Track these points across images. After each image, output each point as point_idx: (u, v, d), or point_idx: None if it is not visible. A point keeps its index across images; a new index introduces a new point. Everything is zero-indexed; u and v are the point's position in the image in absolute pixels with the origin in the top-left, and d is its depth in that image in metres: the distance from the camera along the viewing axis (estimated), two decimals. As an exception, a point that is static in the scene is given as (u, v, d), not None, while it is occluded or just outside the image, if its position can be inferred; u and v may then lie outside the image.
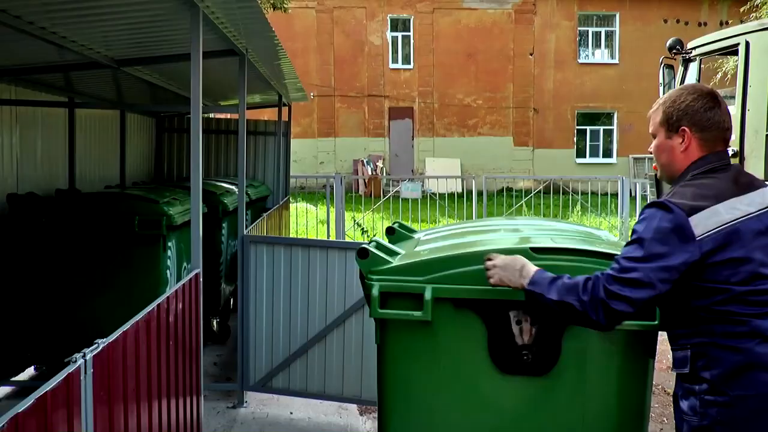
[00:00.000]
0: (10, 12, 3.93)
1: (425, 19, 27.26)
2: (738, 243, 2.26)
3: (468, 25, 27.31)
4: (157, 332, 3.22)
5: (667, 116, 2.50)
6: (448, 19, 27.26)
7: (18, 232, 5.74)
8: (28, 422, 1.92)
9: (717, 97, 2.46)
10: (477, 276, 2.82)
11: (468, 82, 27.44)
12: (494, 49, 27.38)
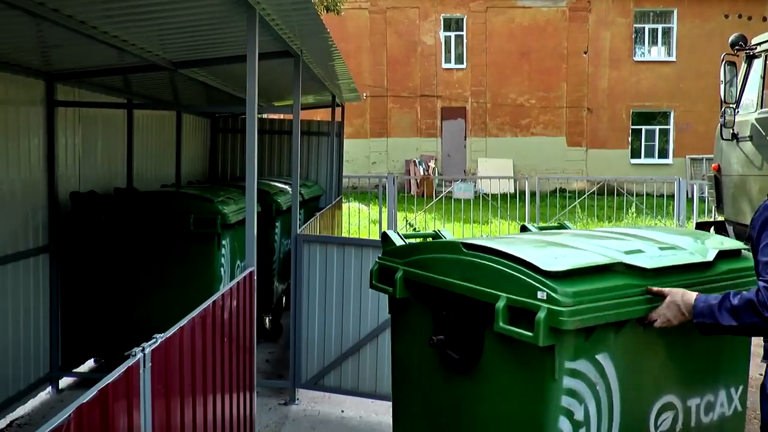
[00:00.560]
0: (76, 17, 4.06)
1: (478, 19, 27.12)
2: None
3: (521, 24, 27.06)
4: (212, 329, 3.29)
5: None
6: (501, 18, 27.06)
7: (79, 229, 5.93)
8: (91, 412, 1.99)
9: None
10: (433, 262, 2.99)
11: (521, 81, 27.19)
12: (548, 48, 27.08)
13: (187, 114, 9.72)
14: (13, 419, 5.56)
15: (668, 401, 2.94)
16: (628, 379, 2.79)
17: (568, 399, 2.65)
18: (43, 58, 5.38)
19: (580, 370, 2.66)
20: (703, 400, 3.02)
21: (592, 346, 2.66)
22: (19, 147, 5.50)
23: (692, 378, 2.99)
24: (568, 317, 2.49)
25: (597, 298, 2.59)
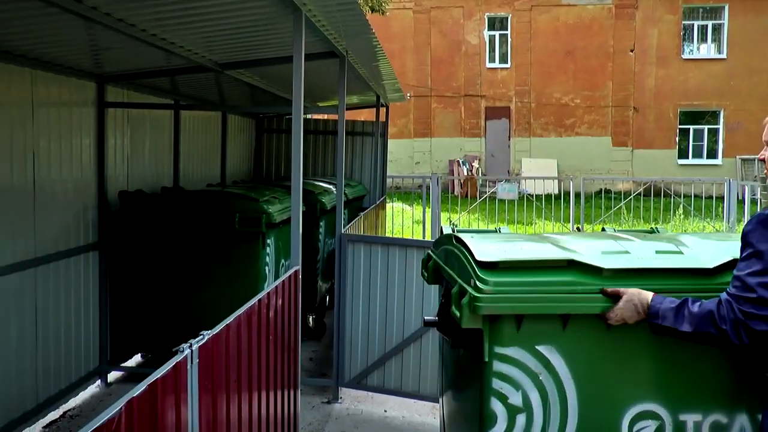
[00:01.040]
0: (127, 20, 4.15)
1: (523, 17, 26.90)
2: None
3: (566, 22, 26.74)
4: (257, 326, 3.32)
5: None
6: (546, 17, 26.80)
7: (128, 227, 6.05)
8: (141, 406, 2.04)
9: None
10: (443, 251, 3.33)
11: (566, 80, 26.88)
12: (593, 46, 26.70)
13: (232, 114, 9.84)
14: (66, 410, 5.71)
15: (648, 409, 2.91)
16: (589, 378, 2.86)
17: (500, 382, 2.83)
18: (95, 61, 5.50)
19: (514, 356, 2.83)
20: (707, 418, 2.92)
21: (528, 336, 2.82)
22: (72, 147, 5.63)
23: (687, 390, 2.91)
24: (483, 303, 2.71)
25: (524, 289, 2.75)
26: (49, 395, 5.47)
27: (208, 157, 9.03)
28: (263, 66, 6.11)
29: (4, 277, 4.86)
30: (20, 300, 5.06)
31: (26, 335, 5.15)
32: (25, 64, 4.96)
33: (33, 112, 5.12)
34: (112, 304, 6.22)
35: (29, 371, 5.22)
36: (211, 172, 9.17)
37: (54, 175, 5.40)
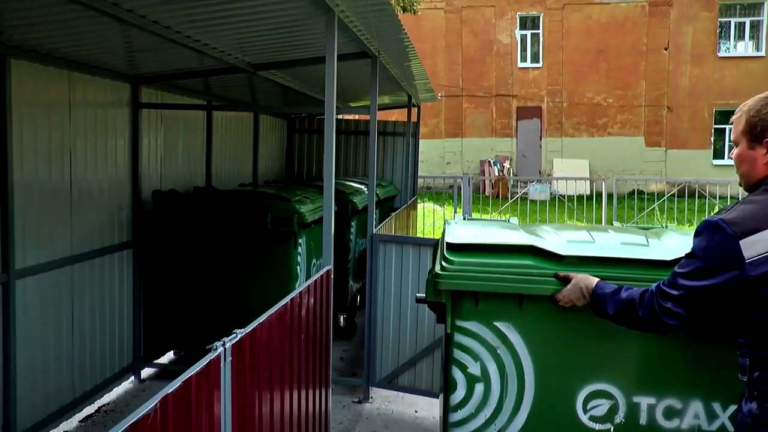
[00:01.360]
0: (161, 23, 4.20)
1: (555, 16, 26.70)
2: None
3: (599, 21, 26.47)
4: (289, 325, 3.35)
5: (751, 126, 2.42)
6: (578, 15, 26.56)
7: (161, 226, 6.12)
8: (175, 402, 2.07)
9: None
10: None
11: (598, 79, 26.61)
12: (626, 45, 26.38)
13: (264, 115, 9.91)
14: (101, 405, 5.81)
15: (602, 389, 3.12)
16: (545, 355, 3.13)
17: (460, 353, 3.17)
18: (130, 63, 5.58)
19: (473, 330, 3.16)
20: (660, 402, 3.09)
21: (486, 312, 3.14)
22: (107, 147, 5.72)
23: (641, 374, 3.08)
24: (443, 279, 3.08)
25: (482, 269, 3.07)
26: (85, 390, 5.57)
27: (240, 157, 9.10)
28: (295, 67, 6.14)
29: (43, 274, 4.96)
30: (57, 297, 5.16)
31: (63, 331, 5.25)
32: (63, 66, 5.05)
33: (70, 113, 5.20)
34: (146, 301, 6.30)
35: (66, 366, 5.31)
36: (243, 171, 9.24)
37: (90, 174, 5.49)
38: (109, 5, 3.66)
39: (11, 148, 4.50)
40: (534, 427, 3.19)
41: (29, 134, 4.75)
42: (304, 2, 3.98)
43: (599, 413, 3.14)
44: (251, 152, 9.56)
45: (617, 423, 3.13)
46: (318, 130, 11.25)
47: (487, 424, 3.21)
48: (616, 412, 3.13)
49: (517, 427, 3.19)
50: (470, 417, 3.21)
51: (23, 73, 4.66)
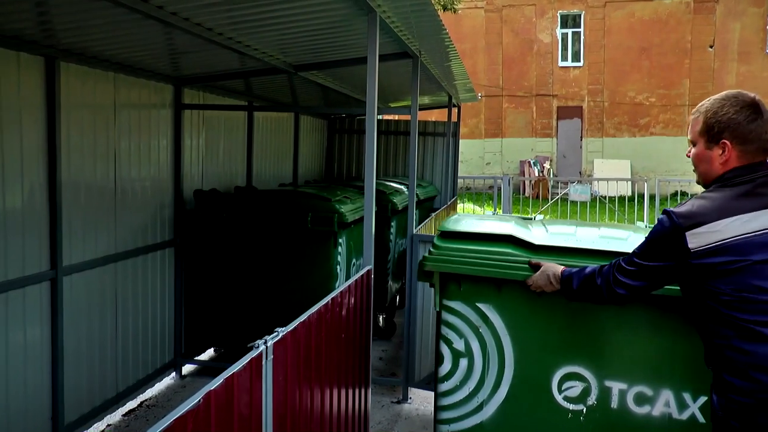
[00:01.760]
0: (204, 25, 4.26)
1: (597, 14, 26.37)
2: (738, 257, 2.33)
3: (642, 18, 26.03)
4: (330, 325, 3.36)
5: (708, 127, 2.52)
6: (620, 13, 26.18)
7: (202, 225, 6.20)
8: (218, 398, 2.10)
9: (760, 107, 2.46)
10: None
11: (640, 78, 26.19)
12: (669, 43, 25.89)
13: (304, 115, 9.97)
14: (143, 400, 5.90)
15: (576, 371, 3.37)
16: (523, 336, 3.43)
17: (446, 329, 3.52)
18: (173, 65, 5.66)
19: (458, 309, 3.50)
20: (632, 388, 3.28)
21: (469, 293, 3.47)
22: (150, 147, 5.81)
23: (614, 360, 3.30)
24: (428, 262, 3.48)
25: (463, 254, 3.43)
26: (128, 385, 5.68)
27: (280, 157, 9.17)
28: (336, 68, 6.16)
29: (89, 271, 5.07)
30: (102, 293, 5.26)
31: (107, 327, 5.35)
32: (109, 68, 5.15)
33: (115, 114, 5.30)
34: (187, 299, 6.39)
35: (110, 361, 5.42)
36: (283, 171, 9.31)
37: (133, 174, 5.59)
38: (153, 8, 3.72)
39: (60, 148, 4.61)
40: (513, 403, 3.47)
41: (76, 135, 4.86)
42: (346, 3, 3.99)
43: (573, 394, 3.37)
44: (292, 152, 9.63)
45: (590, 405, 3.35)
46: (358, 130, 11.29)
47: (470, 397, 3.53)
48: (588, 395, 3.35)
49: (497, 401, 3.49)
50: (456, 388, 3.54)
51: (71, 75, 4.77)
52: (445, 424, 3.59)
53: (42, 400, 4.68)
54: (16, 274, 4.34)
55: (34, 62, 4.41)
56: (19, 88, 4.30)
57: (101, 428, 5.35)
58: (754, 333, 2.29)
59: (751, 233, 2.34)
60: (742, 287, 2.32)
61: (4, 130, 4.19)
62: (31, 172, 4.44)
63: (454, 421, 3.57)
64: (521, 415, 3.46)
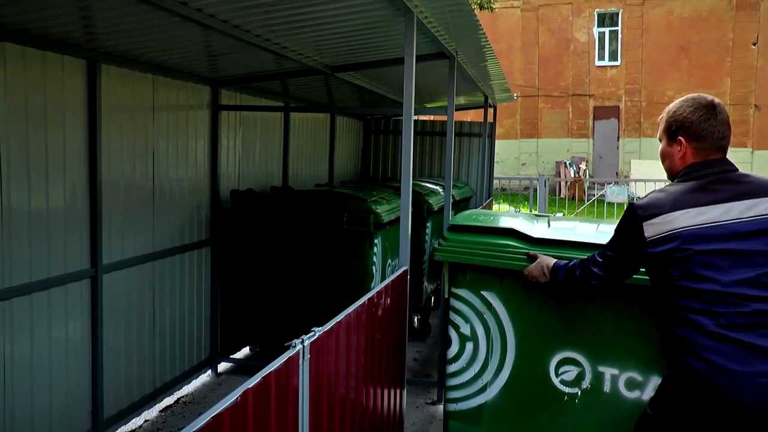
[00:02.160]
0: (242, 27, 4.30)
1: (634, 12, 26.02)
2: (684, 246, 2.51)
3: (681, 16, 25.60)
4: (366, 325, 3.37)
5: (668, 126, 2.76)
6: (659, 11, 25.79)
7: (238, 225, 6.26)
8: (255, 396, 2.12)
9: (715, 109, 2.67)
10: None
11: (679, 77, 25.76)
12: (710, 40, 25.40)
13: (340, 116, 10.00)
14: (179, 396, 5.98)
15: (571, 357, 3.62)
16: (524, 323, 3.70)
17: (453, 314, 3.84)
18: (210, 66, 5.72)
19: (463, 296, 3.82)
20: (623, 373, 3.51)
21: (474, 282, 3.78)
22: (188, 148, 5.88)
23: (606, 346, 3.53)
24: (438, 252, 3.81)
25: (468, 246, 3.75)
26: (165, 381, 5.76)
27: (316, 158, 9.21)
28: (373, 68, 6.17)
29: (128, 269, 5.15)
30: (140, 291, 5.35)
31: (145, 324, 5.43)
32: (148, 70, 5.23)
33: (153, 115, 5.38)
34: (223, 298, 6.46)
35: (148, 358, 5.50)
36: (319, 172, 9.36)
37: (171, 174, 5.66)
38: (192, 11, 3.77)
39: (100, 149, 4.70)
40: (514, 385, 3.75)
41: (116, 135, 4.94)
42: (383, 4, 4.00)
43: (568, 378, 3.63)
44: (327, 153, 9.67)
45: (584, 388, 3.60)
46: (393, 131, 11.30)
47: (475, 378, 3.83)
48: (583, 379, 3.60)
49: (500, 383, 3.78)
50: (462, 370, 3.85)
51: (112, 77, 4.85)
52: (453, 403, 3.90)
53: (83, 395, 4.77)
54: (59, 272, 4.43)
55: (77, 65, 4.50)
56: (63, 91, 4.39)
57: (139, 423, 5.44)
58: (685, 319, 2.49)
59: (698, 225, 2.51)
60: (685, 275, 2.50)
61: (49, 131, 4.28)
62: (73, 172, 4.53)
63: (461, 401, 3.88)
64: (522, 397, 3.73)
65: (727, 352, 2.38)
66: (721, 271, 2.45)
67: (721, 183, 2.60)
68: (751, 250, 2.46)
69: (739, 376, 2.35)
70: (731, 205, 2.52)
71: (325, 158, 9.59)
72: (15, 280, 4.07)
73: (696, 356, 2.43)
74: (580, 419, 3.62)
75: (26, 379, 4.22)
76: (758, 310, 2.39)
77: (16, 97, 4.01)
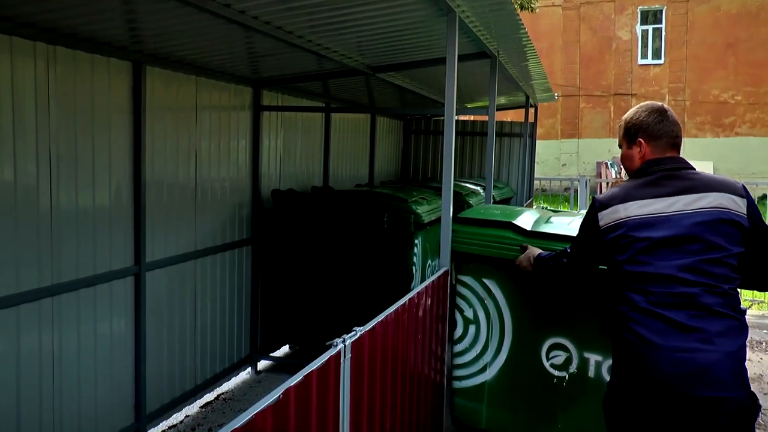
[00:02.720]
0: (284, 28, 4.33)
1: (679, 9, 25.46)
2: (628, 233, 2.76)
3: (728, 12, 24.91)
4: (406, 325, 3.38)
5: (627, 130, 3.01)
6: (705, 7, 25.16)
7: (279, 224, 6.30)
8: (297, 394, 2.13)
9: (666, 112, 2.95)
10: None
11: (726, 75, 25.11)
12: (759, 37, 24.65)
13: (381, 116, 10.01)
14: (219, 393, 6.05)
15: (560, 342, 3.94)
16: (519, 309, 4.06)
17: (458, 299, 4.22)
18: (252, 67, 5.77)
19: (468, 283, 4.19)
20: (606, 360, 3.77)
21: (476, 270, 4.16)
22: (229, 148, 5.95)
23: (590, 334, 3.82)
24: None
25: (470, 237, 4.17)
26: (205, 378, 5.84)
27: (356, 158, 9.24)
28: (415, 68, 6.17)
29: (170, 267, 5.23)
30: (182, 289, 5.43)
31: (186, 322, 5.51)
32: (191, 71, 5.30)
33: (196, 116, 5.45)
34: (263, 296, 6.51)
35: (189, 355, 5.58)
36: (360, 172, 9.38)
37: (213, 174, 5.73)
38: (236, 13, 3.81)
39: (144, 149, 4.78)
40: (511, 366, 4.10)
41: (160, 136, 5.02)
42: (425, 4, 4.00)
43: (558, 362, 3.95)
44: (368, 153, 9.70)
45: (571, 372, 3.91)
46: (434, 131, 11.27)
47: (477, 358, 4.20)
48: (570, 363, 3.91)
49: (498, 364, 4.14)
50: (465, 350, 4.24)
51: (156, 79, 4.93)
52: (458, 380, 4.29)
53: (126, 389, 4.86)
54: (104, 269, 4.52)
55: (123, 67, 4.59)
56: (109, 92, 4.47)
57: (180, 418, 5.52)
58: (623, 297, 2.74)
59: (644, 215, 2.75)
60: (627, 260, 2.75)
61: (96, 132, 4.37)
62: (118, 172, 4.61)
63: (464, 379, 4.26)
64: (518, 378, 4.08)
65: (653, 326, 2.63)
66: (658, 256, 2.69)
67: (670, 179, 2.83)
68: (689, 239, 2.67)
69: (660, 348, 2.58)
70: (676, 199, 2.76)
71: (365, 159, 9.61)
72: (63, 277, 4.17)
73: (627, 329, 2.69)
74: (568, 401, 3.92)
75: (73, 374, 4.32)
76: (685, 292, 2.61)
77: (65, 98, 4.10)
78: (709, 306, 2.60)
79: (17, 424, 3.92)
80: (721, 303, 2.61)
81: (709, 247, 2.66)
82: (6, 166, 3.73)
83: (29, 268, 3.92)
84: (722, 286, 2.64)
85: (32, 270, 3.95)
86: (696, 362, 2.53)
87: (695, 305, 2.60)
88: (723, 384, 2.51)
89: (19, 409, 3.92)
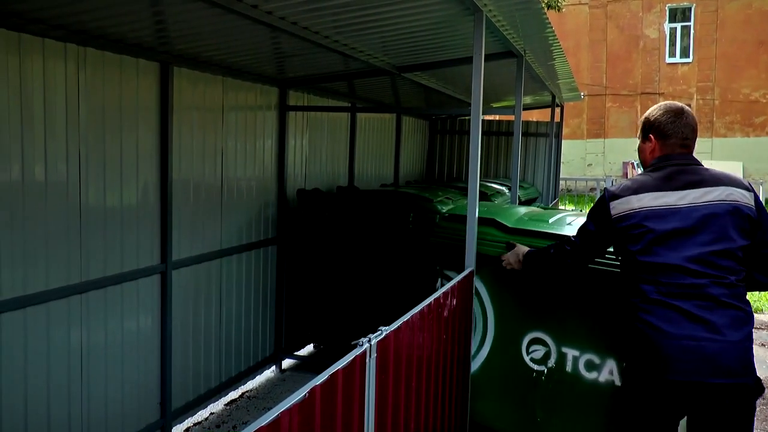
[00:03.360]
0: (311, 28, 4.35)
1: (708, 6, 25.12)
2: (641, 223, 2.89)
3: (760, 9, 24.47)
4: (431, 325, 3.37)
5: (643, 125, 3.21)
6: (735, 4, 24.76)
7: (304, 224, 6.33)
8: (323, 393, 2.14)
9: (682, 112, 3.08)
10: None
11: (756, 74, 24.71)
12: (792, 35, 24.30)
13: (406, 116, 10.01)
14: (244, 391, 6.09)
15: (539, 337, 4.04)
16: (501, 304, 4.19)
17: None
18: (278, 68, 5.80)
19: (452, 277, 4.30)
20: (583, 355, 3.87)
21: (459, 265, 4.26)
22: (255, 148, 5.98)
23: (568, 330, 3.92)
24: (431, 238, 4.58)
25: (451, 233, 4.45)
26: (230, 376, 5.88)
27: (381, 158, 9.25)
28: (439, 68, 6.15)
29: (196, 265, 5.28)
30: (207, 288, 5.47)
31: (212, 320, 5.56)
32: (218, 72, 5.34)
33: (223, 116, 5.49)
34: (288, 296, 6.54)
35: (214, 352, 5.63)
36: (385, 172, 9.39)
37: (239, 174, 5.77)
38: (263, 13, 3.83)
39: (172, 149, 4.82)
40: (494, 360, 4.23)
41: (187, 136, 5.06)
42: (452, 3, 3.98)
43: (537, 356, 4.05)
44: (393, 153, 9.70)
45: (550, 366, 4.00)
46: (459, 131, 11.25)
47: None
48: (549, 358, 4.00)
49: (482, 358, 4.28)
50: None
51: (183, 79, 4.97)
52: None
53: (152, 386, 4.91)
54: (131, 267, 4.57)
55: (150, 68, 4.63)
56: (137, 92, 4.52)
57: (205, 416, 5.56)
58: (635, 288, 2.87)
59: (655, 207, 2.89)
60: (640, 250, 2.87)
61: (124, 131, 4.42)
62: (145, 171, 4.66)
63: None
64: (500, 371, 4.19)
65: (664, 315, 2.76)
66: (669, 247, 2.81)
67: (681, 174, 2.97)
68: (699, 231, 2.80)
69: (671, 336, 2.72)
70: (687, 192, 2.88)
71: (390, 158, 9.62)
72: (91, 274, 4.22)
73: (639, 319, 2.82)
74: (546, 394, 4.03)
75: (101, 370, 4.37)
76: (693, 283, 2.74)
77: (94, 98, 4.15)
78: (717, 297, 2.71)
79: (47, 419, 3.98)
80: (728, 294, 2.73)
81: (717, 238, 2.78)
82: (37, 166, 3.79)
83: (58, 265, 3.98)
84: (729, 278, 2.75)
85: (61, 268, 4.01)
86: (704, 351, 2.66)
87: (703, 296, 2.72)
88: (731, 371, 2.65)
89: (49, 403, 3.98)
